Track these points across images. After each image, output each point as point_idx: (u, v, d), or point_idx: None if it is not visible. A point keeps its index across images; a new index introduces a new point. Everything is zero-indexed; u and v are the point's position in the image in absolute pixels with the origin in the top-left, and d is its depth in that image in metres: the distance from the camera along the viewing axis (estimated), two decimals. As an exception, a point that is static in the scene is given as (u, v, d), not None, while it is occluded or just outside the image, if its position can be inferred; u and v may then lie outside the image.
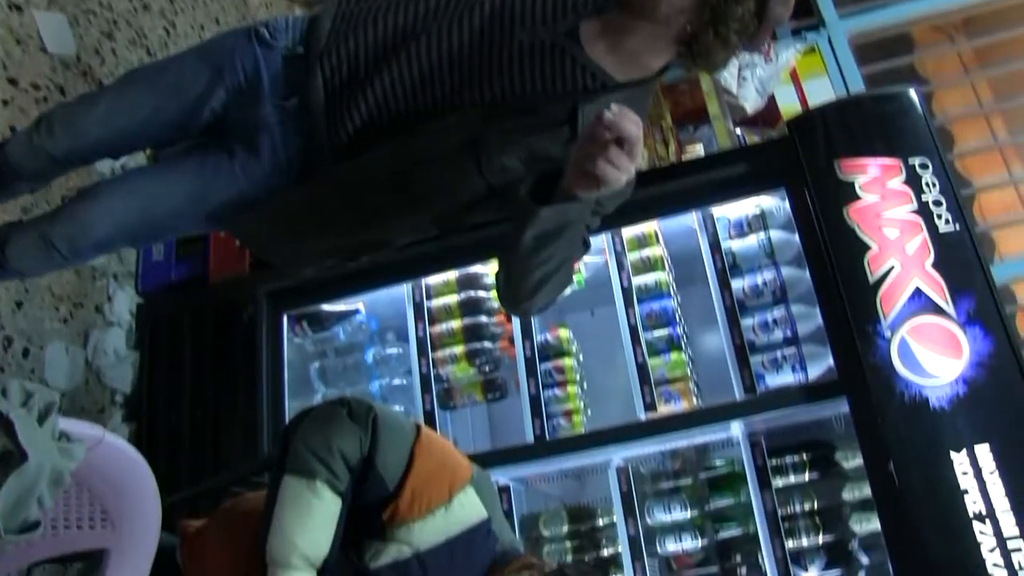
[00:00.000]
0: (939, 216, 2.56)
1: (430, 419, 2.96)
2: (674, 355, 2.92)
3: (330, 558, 1.77)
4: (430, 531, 1.80)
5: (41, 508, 1.33)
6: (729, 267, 2.90)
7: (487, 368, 3.11)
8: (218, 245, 3.45)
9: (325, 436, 1.77)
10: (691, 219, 3.00)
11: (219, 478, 2.24)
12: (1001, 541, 2.19)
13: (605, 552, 2.93)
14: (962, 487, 2.27)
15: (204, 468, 2.99)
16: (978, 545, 2.21)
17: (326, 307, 3.28)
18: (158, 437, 3.21)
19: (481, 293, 3.16)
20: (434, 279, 3.18)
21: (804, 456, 2.83)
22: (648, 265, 3.04)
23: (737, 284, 2.89)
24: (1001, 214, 4.06)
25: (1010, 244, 3.96)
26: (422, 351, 3.05)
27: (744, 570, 2.88)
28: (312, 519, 1.74)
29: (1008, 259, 3.86)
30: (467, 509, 1.84)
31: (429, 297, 3.16)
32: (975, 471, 2.27)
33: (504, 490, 2.81)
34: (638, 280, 3.00)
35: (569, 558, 2.95)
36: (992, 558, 2.19)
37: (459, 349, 3.08)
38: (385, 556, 1.80)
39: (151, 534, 1.74)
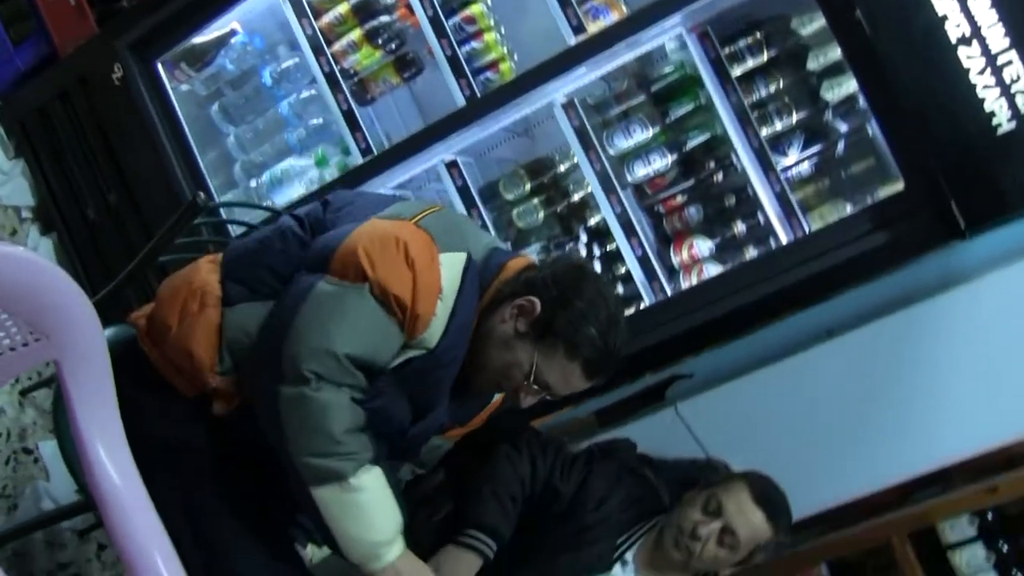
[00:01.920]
0: None
1: (351, 119, 2.71)
2: (592, -39, 2.58)
3: (407, 517, 1.73)
4: (438, 325, 1.69)
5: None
6: None
7: (393, 45, 2.80)
8: (52, 12, 3.02)
9: (322, 430, 1.59)
10: None
11: (148, 250, 2.04)
12: (991, 59, 2.02)
13: (576, 197, 2.80)
14: (940, 14, 2.05)
15: (138, 248, 2.79)
16: (966, 72, 2.04)
17: (198, 40, 2.91)
18: (81, 236, 3.00)
19: (358, -35, 2.77)
20: (304, -34, 2.77)
21: (758, 35, 2.58)
22: None
23: None
24: None
25: None
26: (317, 50, 2.73)
27: (720, 175, 2.76)
28: (372, 511, 1.66)
29: None
30: (452, 273, 1.71)
31: (305, -11, 2.77)
32: (954, -9, 2.05)
33: (453, 166, 2.61)
34: None
35: (541, 215, 2.82)
36: (982, 80, 2.03)
37: (356, 34, 2.76)
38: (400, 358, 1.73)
39: (90, 329, 1.58)
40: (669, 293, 2.50)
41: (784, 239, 2.43)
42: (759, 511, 2.09)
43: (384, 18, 2.76)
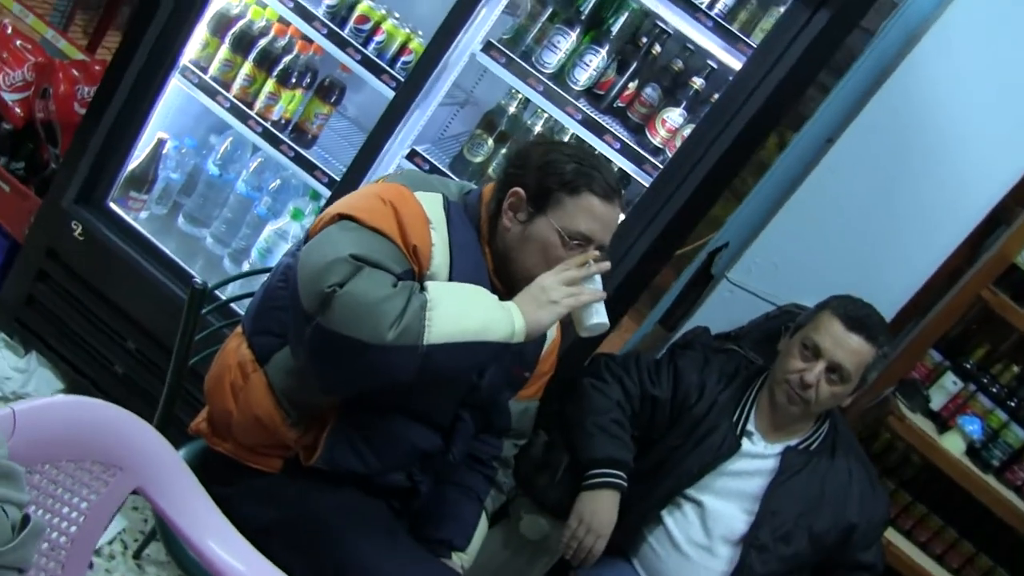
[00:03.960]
0: None
1: (304, 162, 2.71)
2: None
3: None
4: (441, 257, 1.73)
5: (18, 508, 1.15)
6: None
7: (307, 79, 2.79)
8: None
9: (375, 305, 1.54)
10: None
11: (175, 361, 2.06)
12: None
13: (537, 128, 2.78)
14: None
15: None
16: None
17: (133, 165, 2.92)
18: (119, 392, 2.99)
19: (237, 22, 2.76)
20: (192, 50, 2.76)
21: None
22: None
23: None
24: None
25: None
26: (243, 117, 2.73)
27: (657, 47, 2.73)
28: (464, 297, 1.66)
29: None
30: (433, 207, 1.75)
31: (204, 70, 2.76)
32: None
33: (415, 155, 2.61)
34: None
35: (514, 158, 2.80)
36: None
37: (269, 85, 2.73)
38: None
39: (155, 443, 1.62)
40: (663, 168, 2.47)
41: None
42: (854, 335, 2.07)
43: (286, 58, 2.74)
